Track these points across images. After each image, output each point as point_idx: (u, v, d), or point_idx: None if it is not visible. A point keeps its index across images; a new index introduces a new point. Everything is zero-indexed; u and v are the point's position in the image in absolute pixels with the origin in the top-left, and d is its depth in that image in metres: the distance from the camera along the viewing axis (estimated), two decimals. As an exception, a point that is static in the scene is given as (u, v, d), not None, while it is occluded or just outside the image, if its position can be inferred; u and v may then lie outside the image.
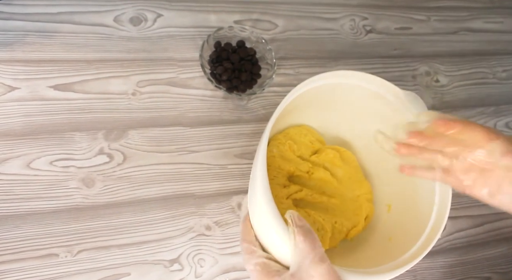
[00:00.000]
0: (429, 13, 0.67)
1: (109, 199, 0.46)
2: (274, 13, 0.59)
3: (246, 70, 0.52)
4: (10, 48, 0.48)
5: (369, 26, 0.63)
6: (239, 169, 0.50)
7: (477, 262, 0.55)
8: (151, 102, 0.50)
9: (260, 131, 0.51)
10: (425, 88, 0.62)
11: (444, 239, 0.55)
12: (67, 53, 0.49)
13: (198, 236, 0.47)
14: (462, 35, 0.67)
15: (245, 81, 0.51)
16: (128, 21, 0.53)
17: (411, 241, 0.40)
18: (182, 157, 0.49)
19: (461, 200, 0.57)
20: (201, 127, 0.51)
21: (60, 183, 0.45)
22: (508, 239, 0.57)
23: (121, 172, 0.47)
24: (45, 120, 0.47)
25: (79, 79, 0.49)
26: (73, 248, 0.43)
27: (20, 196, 0.44)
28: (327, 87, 0.43)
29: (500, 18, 0.71)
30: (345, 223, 0.45)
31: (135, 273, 0.44)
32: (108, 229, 0.45)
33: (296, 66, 0.57)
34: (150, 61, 0.52)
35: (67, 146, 0.46)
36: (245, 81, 0.51)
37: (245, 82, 0.51)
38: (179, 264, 0.46)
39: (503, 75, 0.67)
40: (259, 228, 0.36)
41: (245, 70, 0.52)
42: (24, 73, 0.47)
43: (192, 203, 0.48)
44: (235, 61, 0.51)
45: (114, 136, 0.48)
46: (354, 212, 0.46)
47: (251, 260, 0.34)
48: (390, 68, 0.61)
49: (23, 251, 0.42)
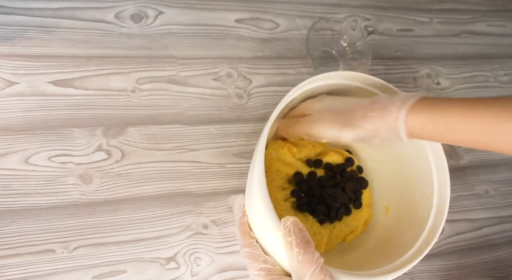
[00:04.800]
0: (432, 15, 0.67)
1: (106, 196, 0.46)
2: (275, 12, 0.59)
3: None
4: (10, 42, 0.48)
5: (371, 27, 0.63)
6: (238, 168, 0.50)
7: (475, 266, 0.55)
8: (151, 100, 0.50)
9: (259, 130, 0.51)
10: (426, 91, 0.62)
11: (441, 242, 0.54)
12: (67, 48, 0.49)
13: (195, 235, 0.47)
14: (464, 38, 0.67)
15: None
16: (129, 17, 0.53)
17: (409, 244, 0.40)
18: (181, 155, 0.49)
19: (459, 203, 0.57)
20: (200, 125, 0.51)
21: (57, 179, 0.45)
22: (506, 244, 0.57)
23: (119, 169, 0.47)
24: (44, 115, 0.46)
25: (79, 75, 0.49)
26: (69, 244, 0.43)
27: (17, 192, 0.44)
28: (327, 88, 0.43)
29: (503, 22, 0.70)
30: (344, 228, 0.45)
31: (131, 270, 0.44)
32: (105, 226, 0.45)
33: (297, 66, 0.57)
34: (151, 58, 0.52)
35: (66, 142, 0.46)
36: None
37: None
38: (175, 262, 0.45)
39: (504, 78, 0.67)
40: (258, 229, 0.36)
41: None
42: (23, 68, 0.47)
43: (190, 201, 0.48)
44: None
45: (112, 133, 0.48)
46: (353, 217, 0.46)
47: (254, 265, 0.34)
48: (392, 70, 0.61)
49: (19, 246, 0.42)
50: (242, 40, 0.56)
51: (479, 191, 0.59)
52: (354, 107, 0.40)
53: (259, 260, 0.34)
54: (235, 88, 0.53)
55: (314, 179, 0.45)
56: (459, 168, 0.59)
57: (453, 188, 0.41)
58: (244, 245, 0.35)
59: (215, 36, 0.55)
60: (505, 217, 0.58)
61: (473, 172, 0.59)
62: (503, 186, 0.60)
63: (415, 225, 0.42)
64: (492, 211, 0.58)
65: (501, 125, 0.33)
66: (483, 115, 0.34)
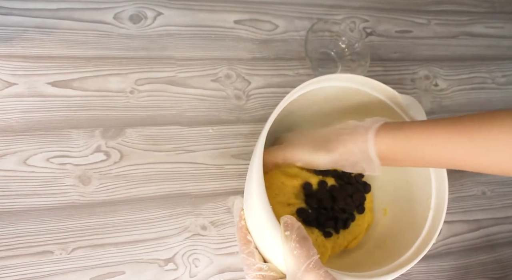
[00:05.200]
0: (430, 17, 0.67)
1: (105, 197, 0.46)
2: (274, 13, 0.59)
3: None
4: (9, 43, 0.48)
5: (369, 29, 0.63)
6: (236, 170, 0.50)
7: (472, 267, 0.55)
8: (149, 101, 0.50)
9: (258, 131, 0.51)
10: (424, 92, 0.62)
11: (439, 243, 0.55)
12: (66, 49, 0.49)
13: (193, 236, 0.47)
14: (462, 40, 0.67)
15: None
16: (128, 18, 0.53)
17: (407, 245, 0.40)
18: (179, 156, 0.49)
19: (457, 204, 0.57)
20: (199, 126, 0.51)
21: (56, 180, 0.45)
22: (503, 245, 0.57)
23: (118, 170, 0.47)
24: (43, 116, 0.46)
25: (78, 76, 0.49)
26: (68, 245, 0.43)
27: (15, 193, 0.44)
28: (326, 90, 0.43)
29: (500, 23, 0.71)
30: (347, 236, 0.44)
31: (130, 271, 0.44)
32: (103, 227, 0.45)
33: (296, 67, 0.57)
34: (149, 59, 0.52)
35: (64, 143, 0.46)
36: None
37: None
38: (174, 263, 0.46)
39: (502, 80, 0.67)
40: (256, 232, 0.36)
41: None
42: (22, 69, 0.47)
43: (188, 202, 0.48)
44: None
45: (111, 134, 0.48)
46: (356, 223, 0.45)
47: (249, 272, 0.35)
48: (390, 71, 0.61)
49: (18, 247, 0.42)
50: (241, 41, 0.56)
51: (477, 193, 0.59)
52: (327, 132, 0.42)
53: (254, 267, 0.34)
54: (233, 89, 0.53)
55: (324, 190, 0.43)
56: (457, 170, 0.59)
57: (451, 189, 0.41)
58: (241, 251, 0.36)
59: (213, 37, 0.55)
60: (502, 218, 0.59)
61: (471, 173, 0.59)
62: (500, 188, 0.60)
63: (413, 226, 0.42)
64: (490, 212, 0.58)
65: (457, 139, 0.34)
66: (439, 132, 0.35)
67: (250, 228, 0.36)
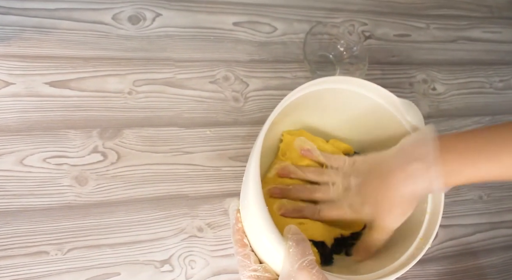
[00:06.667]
0: (429, 21, 0.67)
1: (101, 198, 0.46)
2: (273, 15, 0.59)
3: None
4: (6, 42, 0.48)
5: (368, 32, 0.63)
6: (233, 172, 0.50)
7: (468, 271, 0.55)
8: (147, 102, 0.50)
9: (255, 134, 0.51)
10: (422, 96, 0.62)
11: (435, 247, 0.55)
12: (64, 49, 0.49)
13: (190, 238, 0.47)
14: (461, 44, 0.68)
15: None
16: (127, 19, 0.53)
17: (402, 249, 0.40)
18: (177, 157, 0.49)
19: (453, 208, 0.57)
20: (196, 128, 0.51)
21: (52, 181, 0.45)
22: (500, 249, 0.57)
23: (115, 171, 0.47)
24: (40, 116, 0.46)
25: (76, 77, 0.49)
26: (63, 246, 0.43)
27: (11, 193, 0.43)
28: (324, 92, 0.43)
29: (498, 28, 0.71)
30: (345, 233, 0.44)
31: (125, 273, 0.44)
32: (99, 228, 0.45)
33: (294, 70, 0.57)
34: (148, 60, 0.52)
35: (61, 144, 0.46)
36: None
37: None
38: (170, 265, 0.45)
39: (499, 85, 0.67)
40: (252, 234, 0.36)
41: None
42: (20, 68, 0.47)
43: (185, 204, 0.48)
44: None
45: (108, 135, 0.48)
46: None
47: (243, 273, 0.35)
48: (388, 75, 0.62)
49: (13, 248, 0.42)
50: (239, 43, 0.56)
51: (473, 197, 0.59)
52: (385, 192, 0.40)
53: (248, 269, 0.34)
54: (231, 91, 0.54)
55: (340, 248, 0.44)
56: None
57: (447, 193, 0.41)
58: (237, 253, 0.36)
59: (212, 39, 0.55)
60: (498, 222, 0.59)
61: (468, 177, 0.59)
62: (497, 192, 0.60)
63: (409, 230, 0.42)
64: (486, 216, 0.58)
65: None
66: (503, 152, 0.36)
67: (246, 230, 0.36)
